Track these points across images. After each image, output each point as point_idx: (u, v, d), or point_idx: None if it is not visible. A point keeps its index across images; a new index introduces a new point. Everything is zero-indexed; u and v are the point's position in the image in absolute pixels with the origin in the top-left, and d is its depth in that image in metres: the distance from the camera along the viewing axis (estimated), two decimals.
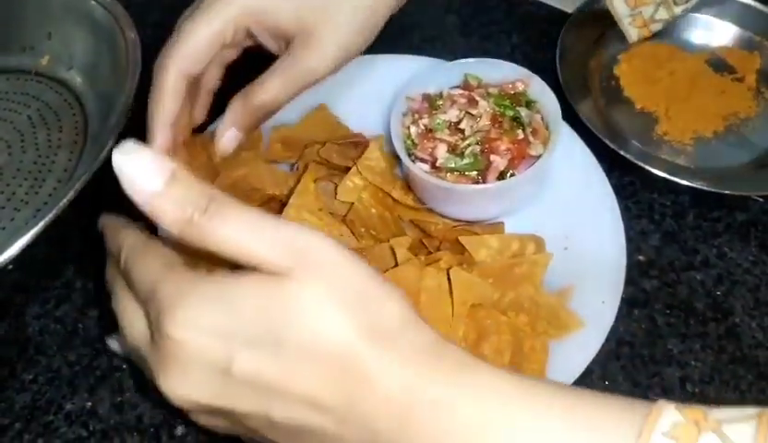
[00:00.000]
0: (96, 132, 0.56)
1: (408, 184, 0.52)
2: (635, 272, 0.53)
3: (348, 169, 0.51)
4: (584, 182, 0.54)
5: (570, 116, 0.57)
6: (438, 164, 0.49)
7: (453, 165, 0.48)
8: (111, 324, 0.35)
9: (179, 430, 0.47)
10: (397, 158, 0.50)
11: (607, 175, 0.55)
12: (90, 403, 0.48)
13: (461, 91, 0.52)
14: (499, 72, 0.53)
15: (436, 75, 0.54)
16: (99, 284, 0.53)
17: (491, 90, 0.51)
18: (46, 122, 0.58)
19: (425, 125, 0.50)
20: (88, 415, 0.48)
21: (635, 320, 0.51)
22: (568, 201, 0.54)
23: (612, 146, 0.56)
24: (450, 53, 0.64)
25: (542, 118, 0.51)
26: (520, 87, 0.52)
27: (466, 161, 0.48)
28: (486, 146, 0.49)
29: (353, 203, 0.49)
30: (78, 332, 0.51)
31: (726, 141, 0.60)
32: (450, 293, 0.43)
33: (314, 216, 0.49)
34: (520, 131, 0.49)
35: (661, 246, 0.55)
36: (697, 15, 0.67)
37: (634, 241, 0.55)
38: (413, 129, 0.51)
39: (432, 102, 0.52)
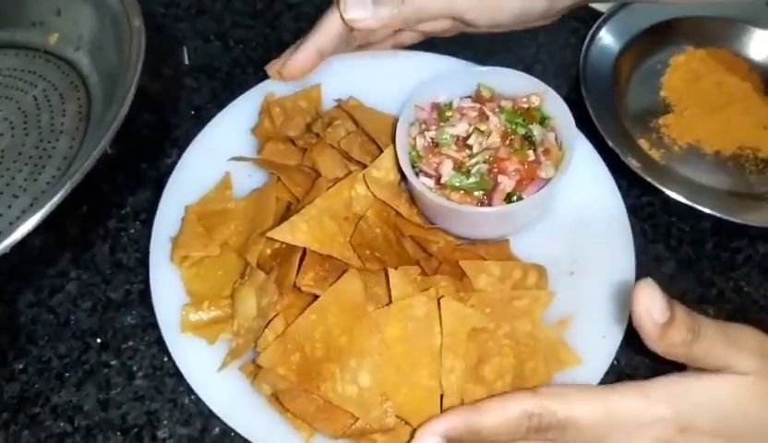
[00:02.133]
0: (98, 119, 0.54)
1: (412, 197, 0.50)
2: None
3: (365, 166, 0.49)
4: (598, 202, 0.52)
5: (590, 126, 0.55)
6: (442, 181, 0.47)
7: (458, 184, 0.46)
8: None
9: (161, 433, 0.47)
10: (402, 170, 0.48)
11: (625, 194, 0.52)
12: (76, 398, 0.48)
13: (471, 104, 0.49)
14: (514, 83, 0.50)
15: (448, 81, 0.51)
16: (93, 275, 0.53)
17: (503, 104, 0.49)
18: (51, 104, 0.57)
19: (431, 138, 0.48)
20: (73, 410, 0.48)
21: (638, 353, 0.49)
22: (578, 222, 0.51)
23: (633, 167, 0.53)
24: (471, 51, 0.61)
25: (555, 137, 0.48)
26: (534, 101, 0.49)
27: (472, 180, 0.46)
28: (495, 165, 0.46)
29: (357, 223, 0.47)
30: (70, 324, 0.51)
31: (720, 165, 0.57)
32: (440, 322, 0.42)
33: (335, 223, 0.46)
34: (531, 151, 0.47)
35: (675, 275, 0.53)
36: None
37: (646, 268, 0.52)
38: (419, 141, 0.48)
39: (441, 113, 0.49)
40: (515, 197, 0.46)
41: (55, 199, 0.45)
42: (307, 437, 0.42)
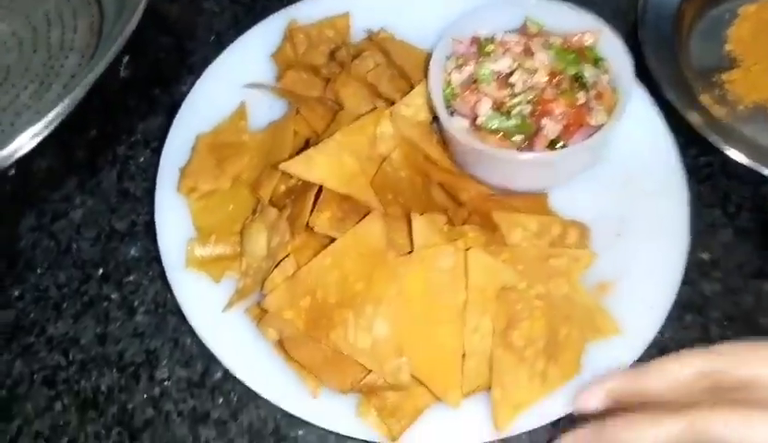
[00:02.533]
0: (109, 36, 0.51)
1: (443, 140, 0.45)
2: (695, 272, 0.46)
3: (393, 103, 0.45)
4: (652, 157, 0.47)
5: (646, 76, 0.49)
6: (478, 122, 0.42)
7: (496, 125, 0.41)
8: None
9: (160, 373, 0.44)
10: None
11: (682, 152, 0.47)
12: (73, 330, 0.45)
13: (517, 37, 0.44)
14: (566, 19, 0.45)
15: (491, 13, 0.46)
16: (99, 202, 0.50)
17: (553, 40, 0.44)
18: (62, 20, 0.53)
19: (469, 74, 0.43)
20: (69, 343, 0.45)
21: (685, 327, 0.44)
22: (629, 178, 0.46)
23: (695, 124, 0.48)
24: None
25: (609, 81, 0.43)
26: (588, 40, 0.44)
27: (512, 122, 0.41)
28: (538, 107, 0.41)
29: (381, 164, 0.43)
30: (71, 252, 0.48)
31: None
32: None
33: (356, 161, 0.42)
34: (581, 94, 0.42)
35: (731, 245, 0.48)
36: None
37: (701, 234, 0.47)
38: (455, 76, 0.43)
39: (481, 47, 0.44)
40: (559, 145, 0.41)
41: (57, 110, 0.42)
42: (313, 389, 0.39)
